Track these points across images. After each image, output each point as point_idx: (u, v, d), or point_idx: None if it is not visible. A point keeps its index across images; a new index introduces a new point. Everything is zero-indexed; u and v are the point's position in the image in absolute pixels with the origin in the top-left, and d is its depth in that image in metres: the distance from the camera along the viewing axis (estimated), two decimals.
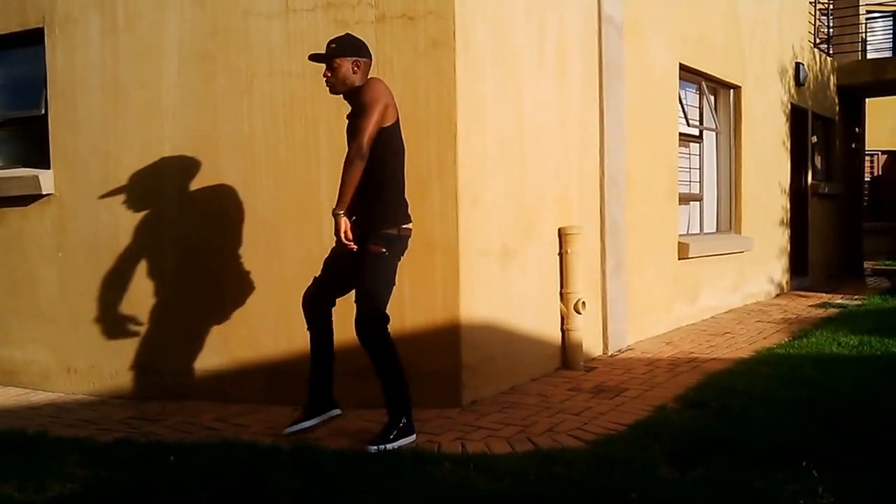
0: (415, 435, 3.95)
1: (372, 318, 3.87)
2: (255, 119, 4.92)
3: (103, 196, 5.34)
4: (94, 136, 5.40)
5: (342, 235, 3.78)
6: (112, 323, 5.30)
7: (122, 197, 5.29)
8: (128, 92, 5.28)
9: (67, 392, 5.49)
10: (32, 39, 5.61)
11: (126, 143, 5.29)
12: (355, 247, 3.82)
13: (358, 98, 3.86)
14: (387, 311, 3.93)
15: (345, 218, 3.80)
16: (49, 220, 5.57)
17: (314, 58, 4.00)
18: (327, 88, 3.97)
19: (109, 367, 5.34)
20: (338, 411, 4.20)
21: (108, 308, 5.31)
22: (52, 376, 5.57)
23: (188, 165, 5.11)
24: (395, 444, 3.83)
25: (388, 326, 3.94)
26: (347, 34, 4.05)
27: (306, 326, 4.13)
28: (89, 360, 5.40)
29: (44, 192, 5.53)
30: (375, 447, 3.79)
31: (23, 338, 5.70)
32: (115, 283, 5.29)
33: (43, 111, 5.61)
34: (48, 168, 5.56)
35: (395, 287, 4.02)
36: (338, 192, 3.80)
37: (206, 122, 5.06)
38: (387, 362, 3.91)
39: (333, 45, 3.92)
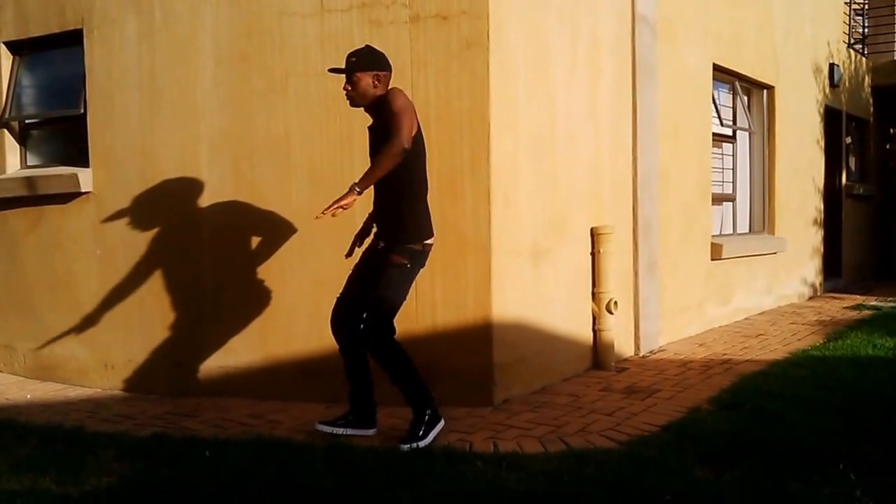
0: (442, 420, 3.98)
1: (379, 328, 3.88)
2: (290, 119, 4.96)
3: (140, 194, 5.41)
4: (131, 135, 5.47)
5: (340, 206, 3.61)
6: (148, 320, 5.37)
7: (158, 195, 5.36)
8: (164, 92, 5.35)
9: (104, 387, 5.56)
10: (72, 40, 5.70)
11: (163, 142, 5.36)
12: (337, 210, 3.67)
13: (387, 105, 3.74)
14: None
15: (357, 199, 3.67)
16: (87, 218, 5.66)
17: (334, 71, 3.95)
18: (348, 100, 3.91)
19: (146, 363, 5.41)
20: (373, 432, 4.12)
21: (145, 305, 5.38)
22: (89, 372, 5.65)
23: (224, 164, 5.17)
24: (427, 440, 3.86)
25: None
26: (367, 46, 4.00)
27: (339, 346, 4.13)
28: (126, 357, 5.48)
29: (82, 190, 5.62)
30: (408, 445, 3.81)
31: (61, 334, 5.79)
32: (151, 280, 5.36)
33: (82, 110, 5.69)
34: (87, 166, 5.65)
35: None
36: (365, 173, 3.69)
37: (242, 121, 5.11)
38: (397, 366, 3.92)
39: (354, 59, 3.87)
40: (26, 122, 6.25)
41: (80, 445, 3.96)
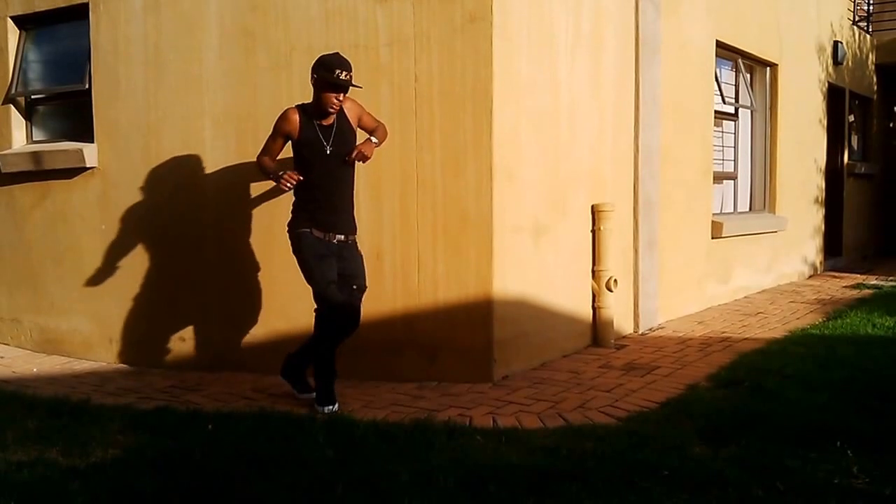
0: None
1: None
2: (294, 94, 4.93)
3: (145, 169, 5.42)
4: (136, 110, 5.48)
5: (364, 153, 4.11)
6: (152, 294, 5.41)
7: (163, 170, 5.38)
8: (169, 67, 5.35)
9: (109, 361, 5.62)
10: (77, 14, 5.69)
11: (167, 117, 5.36)
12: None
13: (369, 119, 4.31)
14: None
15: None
16: (93, 193, 5.68)
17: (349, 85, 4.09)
18: (333, 110, 4.11)
19: (150, 337, 5.45)
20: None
21: (149, 280, 5.41)
22: (94, 346, 5.70)
23: (227, 139, 5.18)
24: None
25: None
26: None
27: (338, 330, 4.20)
28: (130, 331, 5.52)
29: (88, 165, 5.64)
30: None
31: (67, 308, 5.84)
32: (155, 255, 5.40)
33: (87, 85, 5.70)
34: (92, 142, 5.66)
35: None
36: (381, 138, 4.26)
37: (246, 96, 5.11)
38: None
39: (351, 74, 4.08)
40: (32, 97, 6.25)
41: (86, 418, 4.01)
